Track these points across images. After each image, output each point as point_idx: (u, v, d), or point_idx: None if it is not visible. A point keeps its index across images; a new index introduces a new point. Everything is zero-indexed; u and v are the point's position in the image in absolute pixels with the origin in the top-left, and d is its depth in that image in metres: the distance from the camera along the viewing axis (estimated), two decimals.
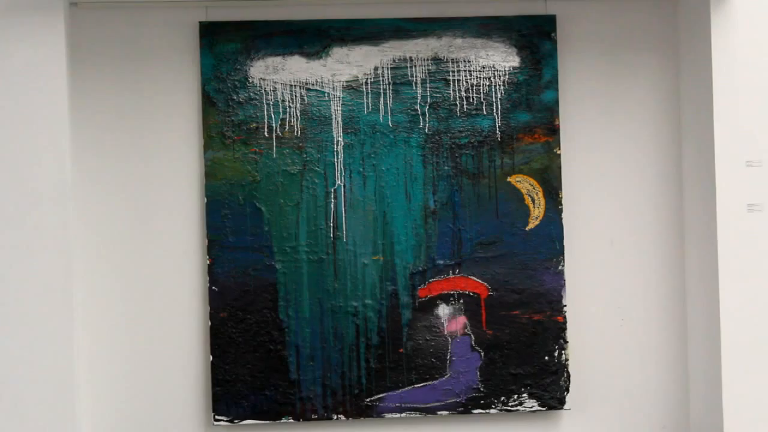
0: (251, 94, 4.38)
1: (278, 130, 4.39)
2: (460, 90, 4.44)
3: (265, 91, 4.38)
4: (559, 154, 4.46)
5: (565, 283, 4.46)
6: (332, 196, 4.40)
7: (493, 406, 4.43)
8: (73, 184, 4.10)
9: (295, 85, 4.39)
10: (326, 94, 4.40)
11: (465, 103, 4.44)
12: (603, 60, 4.52)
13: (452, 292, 4.44)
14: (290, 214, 4.40)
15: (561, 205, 4.46)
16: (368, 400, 4.42)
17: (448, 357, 4.43)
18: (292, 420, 4.39)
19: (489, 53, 4.45)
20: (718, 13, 4.26)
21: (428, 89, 4.43)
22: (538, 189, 4.46)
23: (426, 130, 4.43)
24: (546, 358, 4.46)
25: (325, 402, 4.40)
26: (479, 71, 4.44)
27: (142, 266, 4.39)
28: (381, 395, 4.43)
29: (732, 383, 4.27)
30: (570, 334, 4.48)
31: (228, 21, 4.38)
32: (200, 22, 4.38)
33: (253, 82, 4.38)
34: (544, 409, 4.46)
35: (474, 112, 4.44)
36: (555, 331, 4.45)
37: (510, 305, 4.45)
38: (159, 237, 4.39)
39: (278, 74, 4.39)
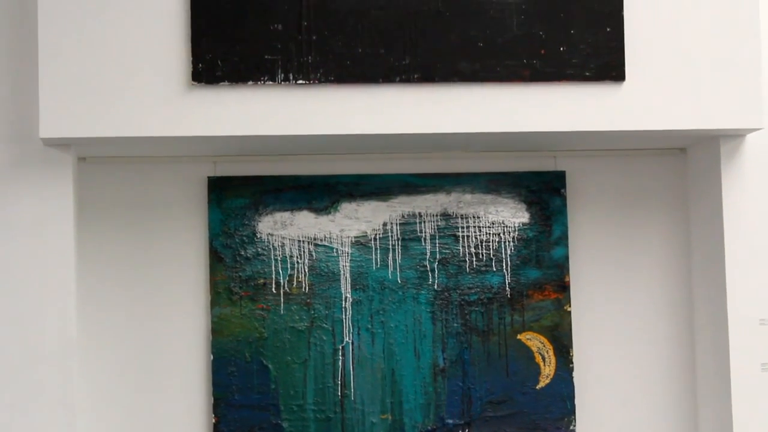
0: (259, 249, 4.34)
1: (286, 286, 4.34)
2: (469, 246, 4.41)
3: (273, 246, 4.35)
4: (570, 312, 4.41)
5: None
6: (340, 354, 4.34)
7: None
8: (77, 341, 4.02)
9: (303, 241, 4.36)
10: (335, 250, 4.37)
11: (474, 259, 4.41)
12: (613, 216, 4.51)
13: None
14: (297, 372, 4.32)
15: (572, 363, 4.39)
16: None
17: None
18: None
19: (498, 209, 4.43)
20: (728, 167, 4.25)
21: (437, 245, 4.40)
22: (549, 347, 4.39)
23: (435, 287, 4.39)
24: None
25: None
26: (489, 227, 4.42)
27: (146, 426, 4.30)
28: None
29: None
30: None
31: (236, 176, 4.36)
32: (209, 177, 4.36)
33: (261, 237, 4.35)
34: None
35: (483, 268, 4.40)
36: None
37: None
38: (164, 395, 4.32)
39: (287, 229, 4.36)
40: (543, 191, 4.45)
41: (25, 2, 3.98)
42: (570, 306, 4.42)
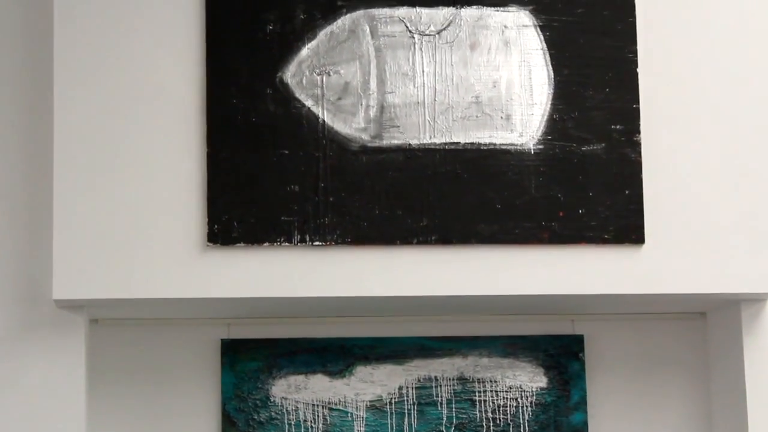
0: (273, 413, 4.27)
1: None
2: (486, 411, 4.34)
3: (286, 410, 4.27)
4: None
5: None
6: None
7: None
8: None
9: (317, 405, 4.29)
10: (349, 414, 4.29)
11: (492, 424, 4.33)
12: (633, 380, 4.45)
13: None
14: None
15: None
16: None
17: None
18: None
19: (516, 373, 4.37)
20: (749, 331, 4.19)
21: (454, 410, 4.33)
22: None
23: None
24: None
25: None
26: (506, 391, 4.35)
27: None
28: None
29: None
30: None
31: (250, 339, 4.31)
32: (222, 340, 4.31)
33: (274, 401, 4.27)
34: None
35: None
36: None
37: None
38: None
39: (300, 393, 4.29)
40: (561, 355, 4.39)
41: (39, 162, 3.98)
42: None
